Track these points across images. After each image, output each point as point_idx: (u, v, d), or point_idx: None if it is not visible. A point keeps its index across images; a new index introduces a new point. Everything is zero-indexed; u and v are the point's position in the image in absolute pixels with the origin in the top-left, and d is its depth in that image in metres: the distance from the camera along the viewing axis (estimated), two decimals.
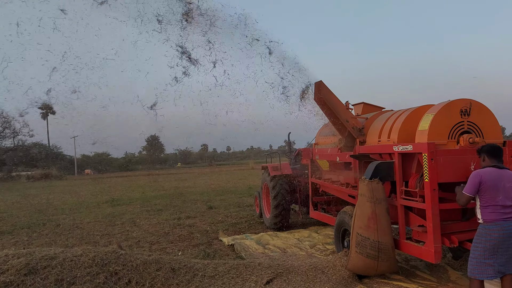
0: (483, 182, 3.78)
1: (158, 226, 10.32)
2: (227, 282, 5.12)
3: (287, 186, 8.91)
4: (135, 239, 8.85)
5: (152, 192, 20.86)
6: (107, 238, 9.11)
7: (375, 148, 5.53)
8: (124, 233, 9.62)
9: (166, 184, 27.31)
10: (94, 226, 10.88)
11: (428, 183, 4.43)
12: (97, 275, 4.84)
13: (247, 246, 7.42)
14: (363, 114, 6.88)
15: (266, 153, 13.05)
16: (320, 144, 7.81)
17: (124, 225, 10.84)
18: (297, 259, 6.38)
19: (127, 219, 11.83)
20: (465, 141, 4.63)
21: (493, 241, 3.74)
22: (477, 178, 3.81)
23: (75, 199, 19.17)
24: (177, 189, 22.35)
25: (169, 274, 5.13)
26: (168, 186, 24.72)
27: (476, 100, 4.83)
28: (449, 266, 5.70)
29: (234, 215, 11.40)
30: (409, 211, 5.00)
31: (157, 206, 14.50)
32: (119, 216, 12.54)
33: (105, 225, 10.98)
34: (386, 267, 4.98)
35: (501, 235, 3.71)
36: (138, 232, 9.64)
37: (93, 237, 9.35)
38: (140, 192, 21.62)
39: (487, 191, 3.77)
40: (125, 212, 13.34)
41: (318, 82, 6.01)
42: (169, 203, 15.26)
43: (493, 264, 3.74)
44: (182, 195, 18.47)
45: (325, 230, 8.57)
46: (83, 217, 12.68)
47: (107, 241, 8.78)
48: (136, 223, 11.06)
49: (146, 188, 24.48)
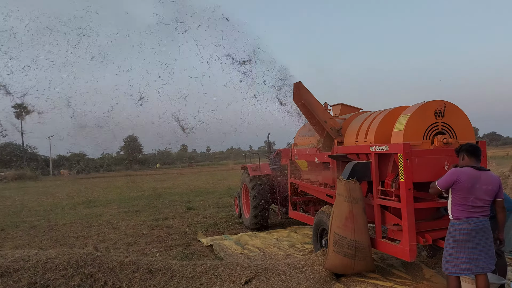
0: (458, 182, 3.86)
1: (135, 228, 10.18)
2: (205, 283, 5.10)
3: (267, 187, 8.93)
4: (112, 241, 8.70)
5: (130, 193, 20.56)
6: (83, 240, 8.93)
7: (353, 148, 5.60)
8: (100, 235, 9.45)
9: (144, 185, 26.98)
10: (69, 228, 10.65)
11: (404, 183, 4.51)
12: (72, 278, 4.74)
13: (226, 246, 7.40)
14: (341, 115, 6.97)
15: (246, 153, 13.03)
16: (299, 145, 7.86)
17: (100, 226, 10.65)
18: (275, 259, 6.40)
19: (104, 220, 11.63)
20: (439, 141, 4.74)
21: (463, 237, 3.85)
22: (453, 176, 3.89)
23: (50, 200, 18.72)
24: (155, 190, 22.11)
25: (146, 276, 5.07)
26: (147, 187, 24.42)
27: (450, 102, 4.95)
28: (424, 264, 5.82)
29: (213, 216, 11.35)
30: (385, 210, 5.09)
31: (135, 207, 14.31)
32: (96, 217, 12.31)
33: (81, 226, 10.76)
34: (362, 265, 5.05)
35: (470, 230, 3.83)
36: (115, 234, 9.49)
37: (69, 239, 9.16)
38: (118, 193, 21.28)
39: (461, 190, 3.86)
40: (102, 214, 13.11)
41: (297, 83, 6.05)
42: (147, 204, 15.08)
43: (465, 260, 3.84)
44: (161, 196, 18.28)
45: (304, 229, 8.63)
46: (58, 218, 12.39)
47: (83, 243, 8.61)
48: (113, 224, 10.89)
49: (124, 189, 24.11)
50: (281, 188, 9.01)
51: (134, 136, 75.53)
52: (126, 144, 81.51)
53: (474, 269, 3.83)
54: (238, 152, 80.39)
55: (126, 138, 78.35)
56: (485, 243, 3.85)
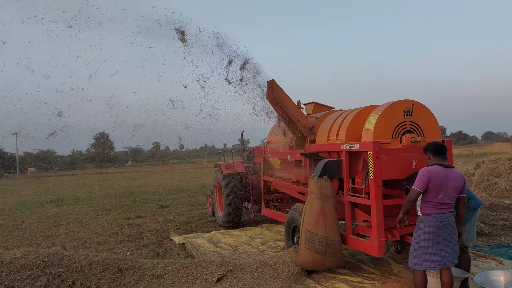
0: (431, 180, 3.95)
1: (106, 226, 9.98)
2: (177, 281, 5.06)
3: (240, 184, 8.94)
4: (81, 240, 8.51)
5: (100, 191, 20.13)
6: (51, 240, 8.69)
7: (324, 146, 5.68)
8: (69, 234, 9.22)
9: (115, 183, 26.47)
10: (36, 227, 10.33)
11: (373, 180, 4.61)
12: (38, 278, 4.61)
13: (199, 244, 7.37)
14: (314, 113, 7.04)
15: (219, 151, 13.00)
16: (272, 143, 7.90)
17: (69, 225, 10.38)
18: (248, 256, 6.42)
19: (73, 219, 11.35)
20: (407, 140, 4.87)
21: (431, 232, 3.96)
22: (427, 175, 3.97)
23: (16, 199, 18.10)
24: (127, 188, 21.73)
25: (116, 275, 4.98)
26: (118, 185, 23.97)
27: (419, 101, 5.09)
28: (392, 259, 5.97)
29: (186, 214, 11.27)
30: (355, 207, 5.19)
31: (106, 206, 14.02)
32: (64, 216, 11.99)
33: (48, 225, 10.46)
34: (333, 261, 5.13)
35: (438, 226, 3.95)
36: (85, 233, 9.28)
37: (35, 238, 8.89)
38: (88, 191, 20.79)
39: (433, 189, 3.96)
40: (70, 212, 12.78)
41: (270, 81, 6.08)
42: (118, 203, 14.81)
43: (432, 255, 3.96)
44: (133, 194, 17.98)
45: (277, 227, 8.70)
46: (24, 217, 12.00)
47: (51, 242, 8.38)
48: (83, 223, 10.64)
49: (94, 187, 23.57)
50: (254, 186, 9.04)
51: (105, 134, 73.95)
52: (97, 141, 79.69)
53: (441, 263, 3.96)
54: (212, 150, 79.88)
55: (97, 135, 76.57)
56: (451, 238, 3.99)
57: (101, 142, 78.78)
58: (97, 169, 57.00)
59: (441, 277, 4.02)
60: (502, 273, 4.59)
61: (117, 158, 78.48)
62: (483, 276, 4.57)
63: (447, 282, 3.98)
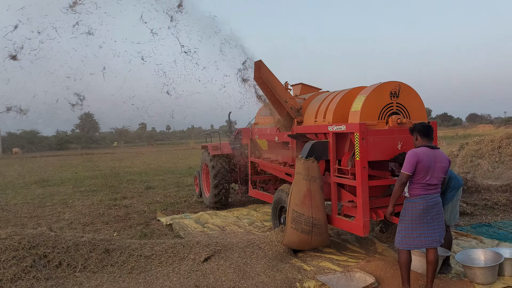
0: (419, 162, 3.97)
1: (92, 207, 9.94)
2: (164, 261, 5.09)
3: (227, 166, 8.94)
4: (67, 221, 8.46)
5: (86, 172, 19.97)
6: (36, 220, 8.63)
7: (311, 128, 5.70)
8: (55, 215, 9.16)
9: (101, 164, 26.26)
10: (21, 208, 10.23)
11: (359, 161, 4.66)
12: (24, 259, 4.59)
13: (186, 225, 7.40)
14: (301, 94, 7.03)
15: (206, 132, 12.92)
16: (260, 124, 7.89)
17: (55, 206, 10.31)
18: (235, 237, 6.48)
19: (59, 200, 11.27)
20: (393, 121, 4.90)
21: (418, 213, 4.03)
22: (415, 158, 3.98)
23: (0, 180, 17.84)
24: (113, 169, 21.59)
25: (103, 255, 4.99)
26: (104, 166, 23.79)
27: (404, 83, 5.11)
28: (377, 239, 6.09)
29: (173, 195, 11.27)
30: (341, 188, 5.25)
31: (92, 187, 13.94)
32: (50, 197, 11.89)
33: (34, 206, 10.37)
34: (319, 241, 5.22)
35: (425, 206, 4.02)
36: (71, 214, 9.23)
37: (20, 219, 8.81)
38: (73, 172, 20.61)
39: (421, 170, 3.99)
40: (56, 193, 12.68)
41: (258, 62, 6.02)
42: (104, 184, 14.72)
43: (419, 235, 4.04)
44: (119, 175, 17.88)
45: (264, 208, 8.77)
46: (9, 198, 11.87)
47: (36, 223, 8.32)
48: (68, 204, 10.57)
49: (80, 168, 23.38)
50: (242, 167, 9.06)
51: (90, 114, 72.93)
52: (82, 121, 78.63)
53: (428, 243, 4.03)
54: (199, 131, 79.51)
55: (82, 115, 75.48)
56: (438, 217, 4.06)
57: (87, 122, 77.72)
58: (82, 150, 56.36)
59: (427, 256, 4.11)
60: (482, 251, 4.74)
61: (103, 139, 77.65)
62: (464, 254, 4.71)
63: (433, 261, 4.07)
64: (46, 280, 4.52)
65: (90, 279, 4.65)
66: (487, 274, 4.30)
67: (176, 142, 72.11)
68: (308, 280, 4.56)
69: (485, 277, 4.29)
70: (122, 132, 79.35)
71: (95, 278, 4.69)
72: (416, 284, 4.28)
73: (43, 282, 4.48)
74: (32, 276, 4.50)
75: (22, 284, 4.40)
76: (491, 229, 6.53)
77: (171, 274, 4.79)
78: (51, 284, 4.47)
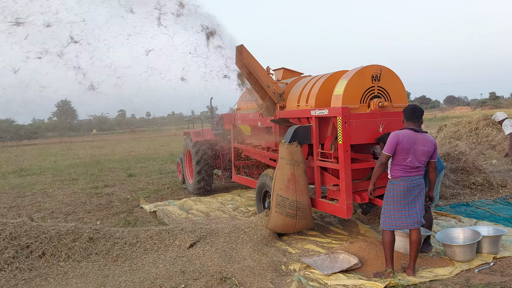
0: (399, 143, 4.05)
1: (73, 196, 9.80)
2: (150, 248, 5.09)
3: (210, 151, 8.91)
4: (48, 210, 8.33)
5: (66, 161, 19.61)
6: (16, 211, 8.47)
7: (294, 112, 5.71)
8: (35, 205, 8.99)
9: (81, 152, 25.80)
10: (0, 198, 10.01)
11: (342, 145, 4.71)
12: (5, 250, 4.53)
13: (170, 212, 7.38)
14: (283, 79, 7.02)
15: (188, 118, 12.81)
16: (242, 109, 7.87)
17: (35, 196, 10.12)
18: (220, 222, 6.51)
19: (38, 189, 11.06)
20: (375, 105, 4.95)
21: (400, 194, 4.13)
22: (395, 139, 4.06)
23: None
24: (93, 157, 21.25)
25: (87, 244, 4.95)
26: (84, 154, 23.39)
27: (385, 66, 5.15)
28: (359, 220, 6.21)
29: (156, 182, 11.20)
30: (324, 172, 5.31)
31: (72, 175, 13.71)
32: (29, 187, 11.66)
33: (13, 196, 10.16)
34: (303, 224, 5.29)
35: (406, 188, 4.11)
36: (52, 203, 9.08)
37: (0, 210, 8.63)
38: (52, 161, 20.21)
39: (402, 152, 4.07)
40: (35, 183, 12.43)
41: (239, 46, 5.96)
42: (85, 172, 14.50)
43: (401, 216, 4.14)
44: (100, 163, 17.62)
45: (248, 193, 8.81)
46: None
47: (16, 213, 8.16)
48: (49, 193, 10.39)
49: (59, 156, 22.92)
50: (225, 153, 9.04)
51: (67, 101, 71.30)
52: (59, 109, 76.88)
53: (410, 224, 4.14)
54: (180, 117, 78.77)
55: (59, 103, 73.75)
56: (420, 199, 4.17)
57: (64, 110, 76.07)
58: (60, 138, 55.18)
59: (410, 237, 4.22)
60: (461, 230, 4.89)
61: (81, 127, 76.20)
62: (444, 233, 4.85)
63: (416, 241, 4.18)
64: (30, 270, 4.48)
65: (75, 268, 4.62)
66: (466, 252, 4.45)
67: (157, 129, 71.29)
68: (294, 263, 4.63)
69: (464, 254, 4.44)
70: (101, 119, 78.00)
71: (79, 267, 4.66)
72: (398, 263, 4.40)
73: (26, 273, 4.43)
74: (15, 267, 4.45)
75: (5, 275, 4.35)
76: (469, 208, 6.73)
77: (157, 261, 4.79)
78: (35, 275, 4.43)
